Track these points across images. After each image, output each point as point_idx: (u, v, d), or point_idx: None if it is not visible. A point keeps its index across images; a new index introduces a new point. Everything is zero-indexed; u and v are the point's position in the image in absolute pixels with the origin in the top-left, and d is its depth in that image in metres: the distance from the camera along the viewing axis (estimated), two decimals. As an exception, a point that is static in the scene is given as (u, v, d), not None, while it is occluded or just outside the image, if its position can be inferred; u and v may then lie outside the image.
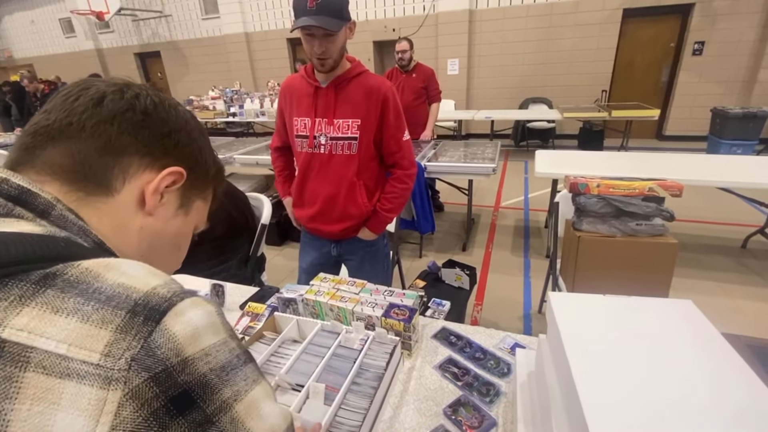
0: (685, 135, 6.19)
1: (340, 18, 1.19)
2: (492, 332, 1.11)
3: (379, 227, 1.52)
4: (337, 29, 1.19)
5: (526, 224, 3.71)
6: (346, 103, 1.34)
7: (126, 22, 9.61)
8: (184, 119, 0.48)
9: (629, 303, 0.73)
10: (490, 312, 2.45)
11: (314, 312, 1.13)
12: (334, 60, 1.27)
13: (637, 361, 0.58)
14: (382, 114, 1.35)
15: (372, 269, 1.59)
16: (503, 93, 6.92)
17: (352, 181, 1.40)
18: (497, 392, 0.90)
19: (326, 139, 1.36)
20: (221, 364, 0.35)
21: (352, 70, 1.34)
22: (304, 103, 1.37)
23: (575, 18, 6.18)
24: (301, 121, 1.39)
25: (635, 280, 1.58)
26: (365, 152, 1.39)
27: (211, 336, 0.35)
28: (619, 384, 0.54)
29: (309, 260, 1.64)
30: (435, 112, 3.54)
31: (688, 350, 0.60)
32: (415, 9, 7.01)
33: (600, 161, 2.94)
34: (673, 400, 0.51)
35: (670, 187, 1.53)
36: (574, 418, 0.54)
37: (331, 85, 1.33)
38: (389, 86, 1.36)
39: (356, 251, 1.56)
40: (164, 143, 0.45)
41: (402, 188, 1.48)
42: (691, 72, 5.96)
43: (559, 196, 1.96)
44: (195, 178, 0.49)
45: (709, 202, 3.74)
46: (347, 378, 0.84)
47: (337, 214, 1.45)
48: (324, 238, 1.56)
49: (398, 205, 1.51)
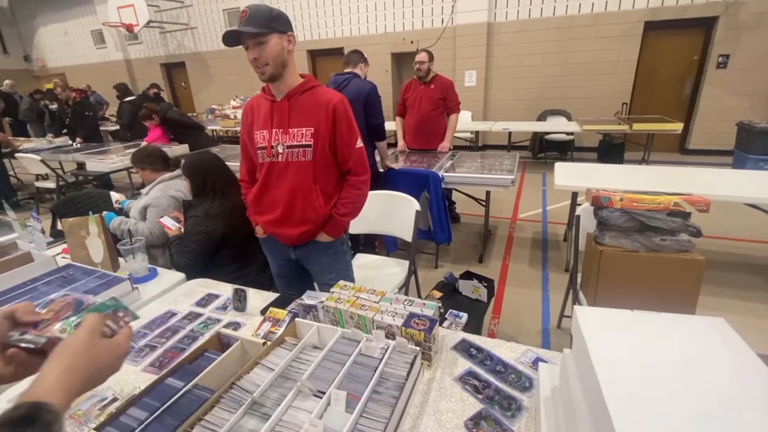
0: (709, 149, 6.04)
1: (267, 27, 1.28)
2: (513, 346, 1.10)
3: (336, 231, 1.58)
4: (259, 32, 1.27)
5: (544, 237, 3.65)
6: (300, 113, 1.43)
7: (154, 34, 9.99)
8: None
9: (659, 319, 0.71)
10: (508, 325, 2.41)
11: (334, 319, 1.14)
12: (273, 67, 1.34)
13: (668, 379, 0.57)
14: (333, 124, 1.44)
15: (334, 272, 1.65)
16: (521, 105, 6.89)
17: (309, 186, 1.48)
18: (519, 407, 0.89)
19: (283, 148, 1.44)
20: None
21: (304, 84, 1.45)
22: (262, 116, 1.47)
23: (595, 30, 6.14)
24: (260, 134, 1.47)
25: (660, 296, 1.54)
26: (320, 158, 1.46)
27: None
28: (651, 402, 0.53)
29: (275, 267, 1.73)
30: (453, 124, 3.55)
31: (722, 369, 0.59)
32: (434, 22, 7.08)
33: (621, 174, 2.89)
34: (709, 420, 0.50)
35: (696, 202, 1.50)
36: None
37: (285, 97, 1.43)
38: (340, 98, 1.46)
39: (316, 255, 1.63)
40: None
41: (356, 194, 1.56)
42: (716, 85, 5.84)
43: (580, 209, 1.93)
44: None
45: (736, 219, 3.62)
46: (368, 386, 0.84)
47: (296, 218, 1.52)
48: (282, 243, 1.62)
49: (353, 210, 1.58)
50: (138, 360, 1.14)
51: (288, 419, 0.79)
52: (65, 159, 4.81)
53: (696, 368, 0.59)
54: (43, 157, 4.49)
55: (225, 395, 0.85)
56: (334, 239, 1.59)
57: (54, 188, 4.63)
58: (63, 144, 5.59)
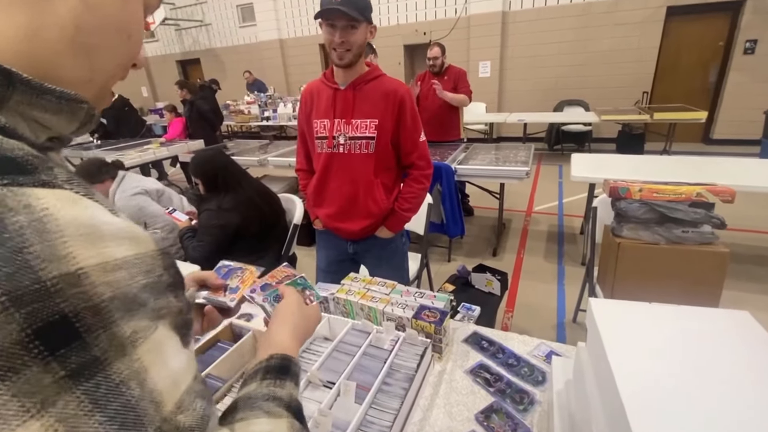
0: (735, 139, 5.80)
1: (362, 14, 1.24)
2: (526, 339, 1.08)
3: (397, 226, 1.54)
4: (358, 19, 1.23)
5: (560, 230, 3.58)
6: (364, 103, 1.38)
7: (169, 31, 10.12)
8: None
9: (679, 312, 0.68)
10: (522, 319, 2.38)
11: (345, 311, 1.14)
12: (354, 54, 1.30)
13: (688, 375, 0.55)
14: (399, 115, 1.39)
15: (390, 267, 1.60)
16: (536, 95, 6.74)
17: (370, 179, 1.43)
18: (531, 401, 0.88)
19: (345, 139, 1.40)
20: (132, 292, 0.26)
21: (369, 73, 1.39)
22: (323, 105, 1.42)
23: (614, 17, 5.94)
24: (321, 123, 1.43)
25: (680, 290, 1.49)
26: (382, 152, 1.42)
27: (125, 245, 0.27)
28: (668, 398, 0.51)
29: (327, 260, 1.67)
30: (460, 98, 3.38)
31: (747, 365, 0.56)
32: (447, 12, 6.97)
33: (641, 165, 2.80)
34: (731, 419, 0.48)
35: (720, 192, 1.44)
36: (618, 431, 0.51)
37: (350, 86, 1.37)
38: (406, 89, 1.40)
39: (373, 249, 1.58)
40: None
41: (419, 188, 1.51)
42: (743, 72, 5.59)
43: (597, 201, 1.88)
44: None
45: (764, 210, 3.48)
46: (378, 377, 0.84)
47: (358, 212, 1.48)
48: (341, 237, 1.58)
49: (416, 205, 1.53)
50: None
51: (298, 409, 0.80)
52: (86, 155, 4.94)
53: (718, 363, 0.56)
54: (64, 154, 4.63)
55: (237, 384, 0.86)
56: (393, 234, 1.55)
57: (75, 184, 4.77)
58: (83, 141, 5.74)
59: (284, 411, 0.42)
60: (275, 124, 6.59)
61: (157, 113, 8.90)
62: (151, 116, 8.62)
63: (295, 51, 8.66)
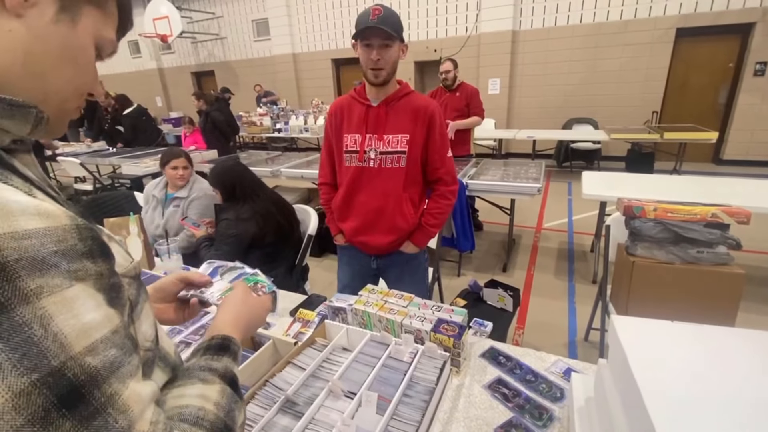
0: (746, 160, 5.79)
1: (397, 33, 1.29)
2: (543, 355, 1.08)
3: (423, 241, 1.55)
4: (392, 37, 1.28)
5: (570, 247, 3.57)
6: (396, 119, 1.41)
7: (185, 43, 10.40)
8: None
9: (701, 331, 0.69)
10: (533, 336, 2.37)
11: (362, 322, 1.15)
12: (388, 73, 1.35)
13: (715, 393, 0.55)
14: (428, 130, 1.42)
15: (411, 282, 1.60)
16: (546, 113, 6.80)
17: (399, 193, 1.45)
18: (551, 417, 0.88)
19: (376, 154, 1.42)
20: (41, 256, 0.31)
21: (401, 90, 1.43)
22: (354, 120, 1.45)
23: (624, 38, 6.02)
24: (351, 138, 1.45)
25: (695, 310, 1.48)
26: (412, 167, 1.44)
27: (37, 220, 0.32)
28: (697, 417, 0.52)
29: (350, 274, 1.67)
30: (472, 120, 3.47)
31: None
32: (458, 30, 7.11)
33: (653, 184, 2.81)
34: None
35: (736, 213, 1.44)
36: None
37: (383, 103, 1.41)
38: (436, 106, 1.44)
39: (396, 264, 1.59)
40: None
41: (445, 204, 1.52)
42: (753, 93, 5.61)
43: (610, 219, 1.89)
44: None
45: (777, 232, 3.44)
46: (399, 389, 0.85)
47: (384, 226, 1.49)
48: (365, 253, 1.58)
49: (442, 221, 1.55)
50: (173, 356, 1.18)
51: (320, 418, 0.81)
52: (102, 162, 5.05)
53: (744, 383, 0.57)
54: (81, 161, 4.73)
55: (259, 392, 0.87)
56: (419, 250, 1.56)
57: (91, 190, 4.85)
58: (100, 148, 5.86)
59: (218, 379, 0.48)
60: (286, 135, 6.70)
61: (171, 123, 9.09)
62: (165, 125, 8.80)
63: (307, 65, 8.84)
